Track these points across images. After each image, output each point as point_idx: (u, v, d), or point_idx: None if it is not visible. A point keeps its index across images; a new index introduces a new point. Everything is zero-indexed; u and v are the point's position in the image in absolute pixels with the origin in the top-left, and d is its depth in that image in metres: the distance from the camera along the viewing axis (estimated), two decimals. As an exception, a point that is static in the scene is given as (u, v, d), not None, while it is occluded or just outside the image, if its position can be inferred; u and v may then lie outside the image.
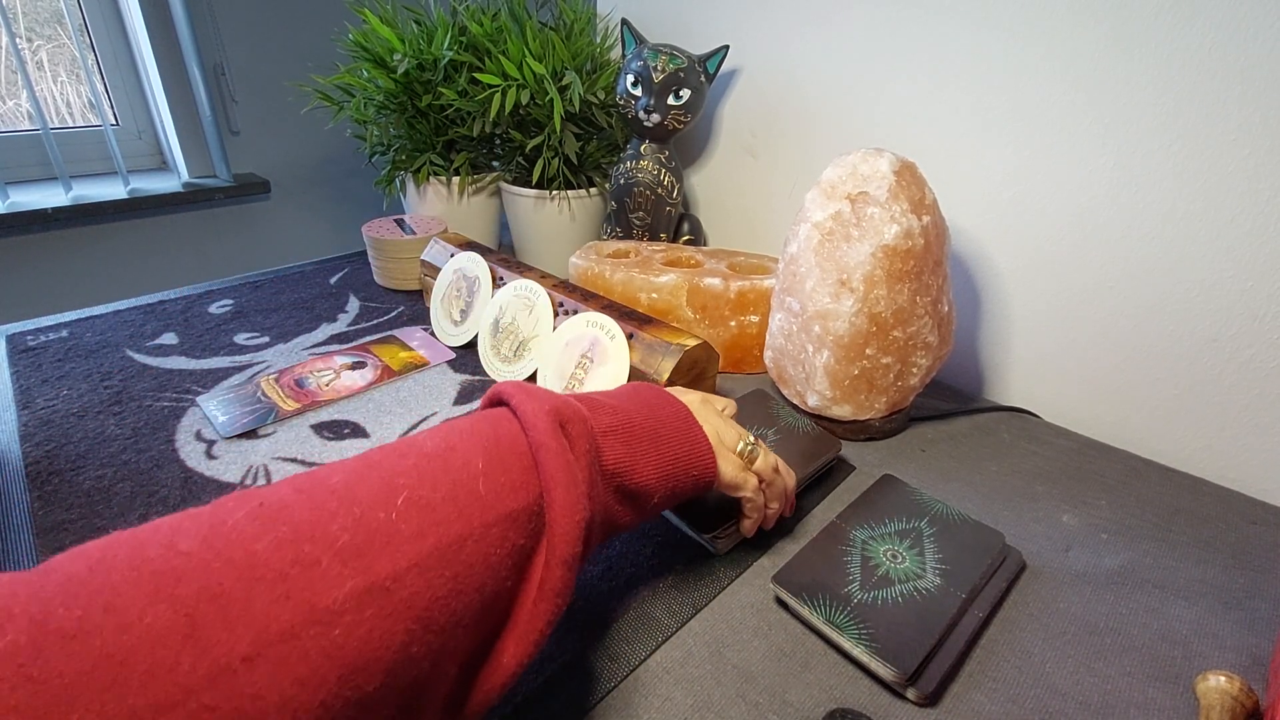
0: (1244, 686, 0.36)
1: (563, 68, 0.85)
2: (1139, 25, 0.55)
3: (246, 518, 0.25)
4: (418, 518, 0.28)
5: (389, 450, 0.31)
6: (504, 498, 0.30)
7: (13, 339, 0.73)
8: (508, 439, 0.33)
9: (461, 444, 0.32)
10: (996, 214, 0.68)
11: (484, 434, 0.33)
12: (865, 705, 0.38)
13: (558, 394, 0.36)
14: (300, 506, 0.27)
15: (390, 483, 0.29)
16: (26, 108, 1.26)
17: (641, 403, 0.41)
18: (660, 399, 0.42)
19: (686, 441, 0.40)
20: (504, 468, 0.31)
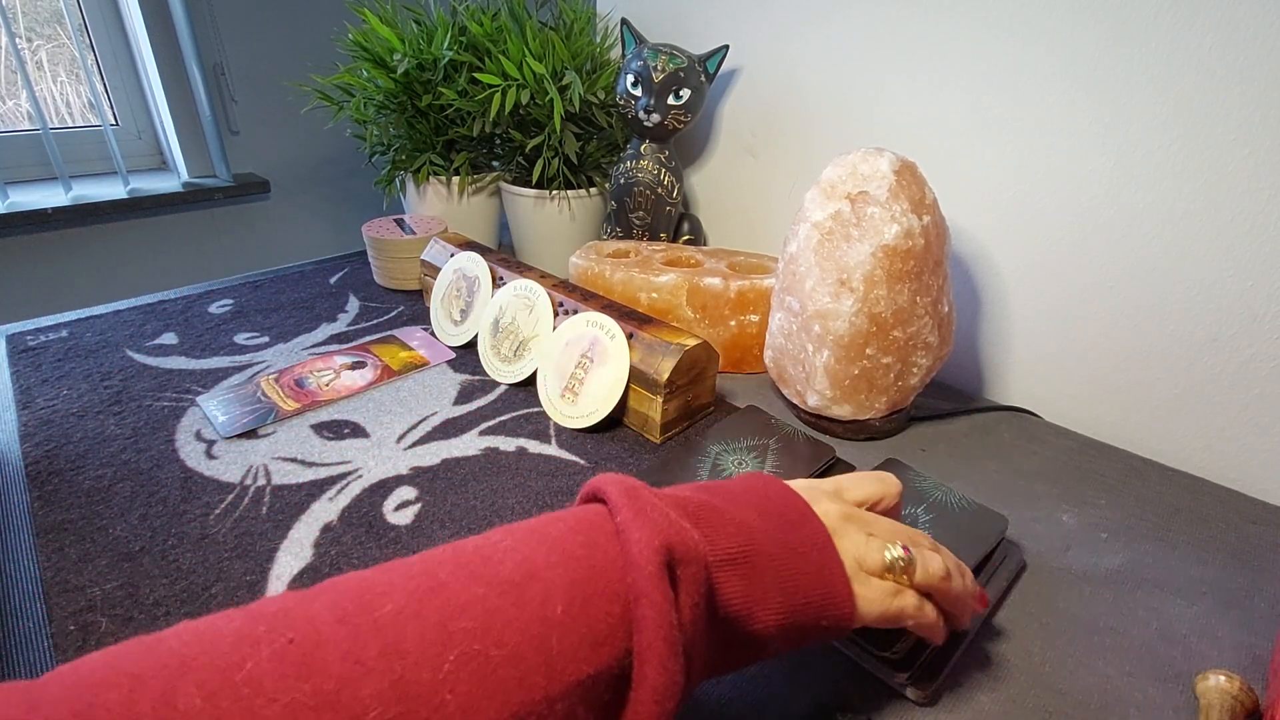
0: (1244, 686, 0.36)
1: (563, 67, 0.85)
2: (1139, 25, 0.55)
3: (270, 660, 0.21)
4: (469, 685, 0.23)
5: (463, 565, 0.26)
6: (581, 657, 0.24)
7: (13, 339, 0.73)
8: (602, 570, 0.26)
9: (546, 572, 0.26)
10: (996, 214, 0.68)
11: (576, 558, 0.26)
12: (865, 705, 0.38)
13: (671, 511, 0.28)
14: (335, 650, 0.22)
15: (446, 627, 0.23)
16: (26, 108, 1.26)
17: (772, 518, 0.32)
18: (795, 513, 0.33)
19: (821, 581, 0.31)
20: (589, 614, 0.25)
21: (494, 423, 0.62)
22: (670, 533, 0.27)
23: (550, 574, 0.26)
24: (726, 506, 0.31)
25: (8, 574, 0.45)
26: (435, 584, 0.25)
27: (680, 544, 0.27)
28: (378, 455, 0.57)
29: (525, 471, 0.56)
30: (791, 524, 0.32)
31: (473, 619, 0.24)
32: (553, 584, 0.25)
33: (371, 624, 0.23)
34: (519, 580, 0.25)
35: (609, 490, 0.29)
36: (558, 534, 0.27)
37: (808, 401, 0.62)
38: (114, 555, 0.45)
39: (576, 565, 0.26)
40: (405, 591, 0.24)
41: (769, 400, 0.69)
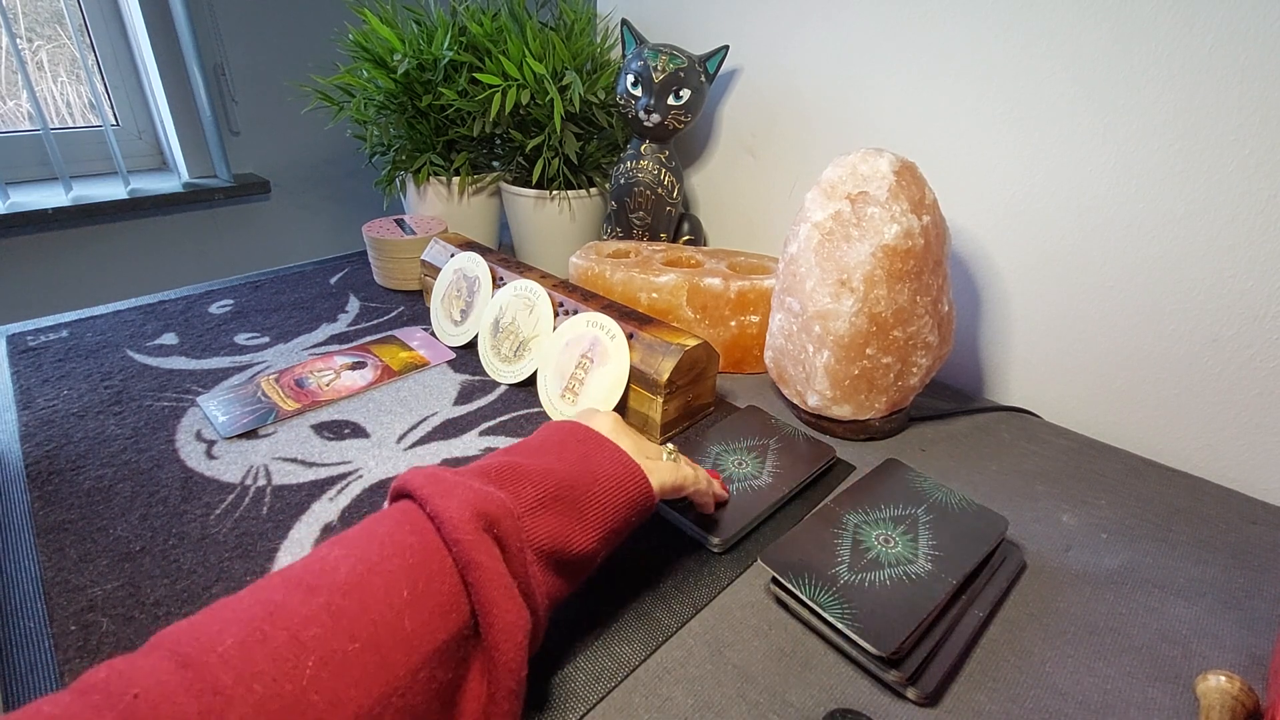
0: (1244, 686, 0.36)
1: (563, 68, 0.85)
2: (1139, 25, 0.55)
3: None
4: (333, 683, 0.23)
5: (295, 583, 0.26)
6: (433, 629, 0.27)
7: (13, 339, 0.73)
8: (433, 551, 0.29)
9: (384, 564, 0.28)
10: (996, 214, 0.68)
11: (407, 548, 0.29)
12: (865, 705, 0.38)
13: (474, 482, 0.33)
14: (186, 695, 0.21)
15: (298, 638, 0.24)
16: (27, 108, 1.26)
17: (567, 451, 0.38)
18: (584, 439, 0.40)
19: (616, 470, 0.38)
20: (432, 591, 0.27)
21: (494, 423, 0.62)
22: (477, 500, 0.31)
23: (388, 566, 0.28)
24: (525, 461, 0.36)
25: (8, 574, 0.45)
26: (273, 607, 0.25)
27: (490, 505, 0.31)
28: (378, 455, 0.57)
29: (525, 471, 0.55)
30: (582, 448, 0.39)
31: (321, 625, 0.25)
32: (393, 575, 0.27)
33: (218, 659, 0.23)
34: (358, 580, 0.27)
35: (413, 482, 0.32)
36: (384, 531, 0.30)
37: (808, 401, 0.62)
38: (115, 555, 0.46)
39: (409, 553, 0.28)
40: (243, 622, 0.24)
41: (769, 400, 0.69)
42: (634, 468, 0.39)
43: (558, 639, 0.41)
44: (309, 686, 0.23)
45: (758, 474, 0.54)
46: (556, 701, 0.37)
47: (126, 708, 0.21)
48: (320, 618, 0.25)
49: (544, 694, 0.38)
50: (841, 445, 0.61)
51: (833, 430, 0.62)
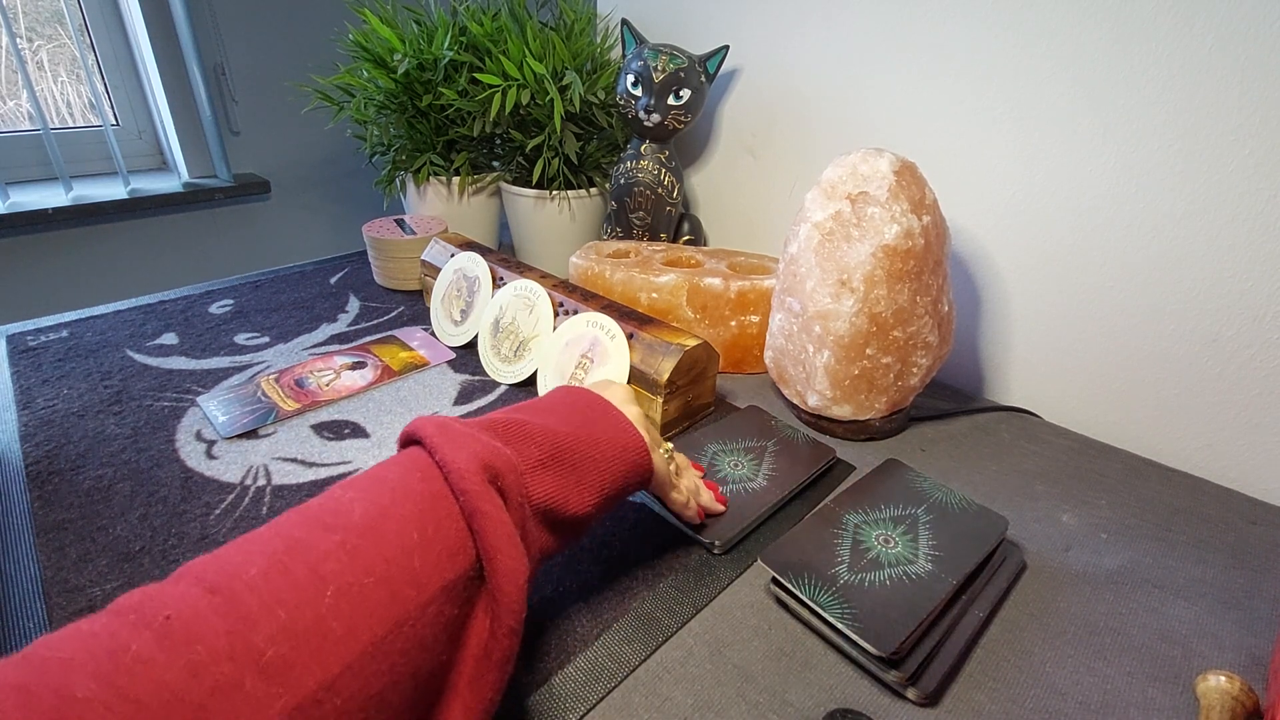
0: (1244, 686, 0.36)
1: (563, 68, 0.85)
2: (1139, 25, 0.55)
3: (154, 641, 0.22)
4: (350, 612, 0.25)
5: (313, 521, 0.28)
6: (441, 569, 0.29)
7: (13, 339, 0.73)
8: (442, 497, 0.31)
9: (395, 509, 0.29)
10: (997, 214, 0.68)
11: (417, 494, 0.30)
12: (865, 705, 0.38)
13: (481, 435, 0.34)
14: (215, 616, 0.23)
15: (317, 570, 0.26)
16: (27, 108, 1.26)
17: (576, 415, 0.40)
18: (596, 409, 0.41)
19: (618, 436, 0.40)
20: (440, 535, 0.29)
21: (494, 423, 0.62)
22: (484, 453, 0.32)
23: (399, 510, 0.29)
24: (533, 419, 0.38)
25: (8, 574, 0.45)
26: (293, 542, 0.27)
27: (496, 458, 0.33)
28: (378, 455, 0.57)
29: (525, 471, 0.55)
30: (589, 413, 0.41)
31: (338, 561, 0.26)
32: (404, 518, 0.29)
33: (245, 586, 0.24)
34: (373, 522, 0.28)
35: (424, 430, 0.33)
36: (395, 477, 0.31)
37: (808, 402, 0.62)
38: (114, 555, 0.46)
39: (419, 498, 0.30)
40: (266, 555, 0.26)
41: (769, 400, 0.69)
42: (636, 437, 0.41)
43: (558, 638, 0.41)
44: (328, 614, 0.25)
45: (756, 474, 0.54)
46: (556, 701, 0.37)
47: (161, 626, 0.22)
48: (338, 554, 0.27)
49: (544, 694, 0.38)
50: (841, 445, 0.61)
51: (833, 430, 0.62)
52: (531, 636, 0.41)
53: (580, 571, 0.46)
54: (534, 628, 0.41)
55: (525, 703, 0.37)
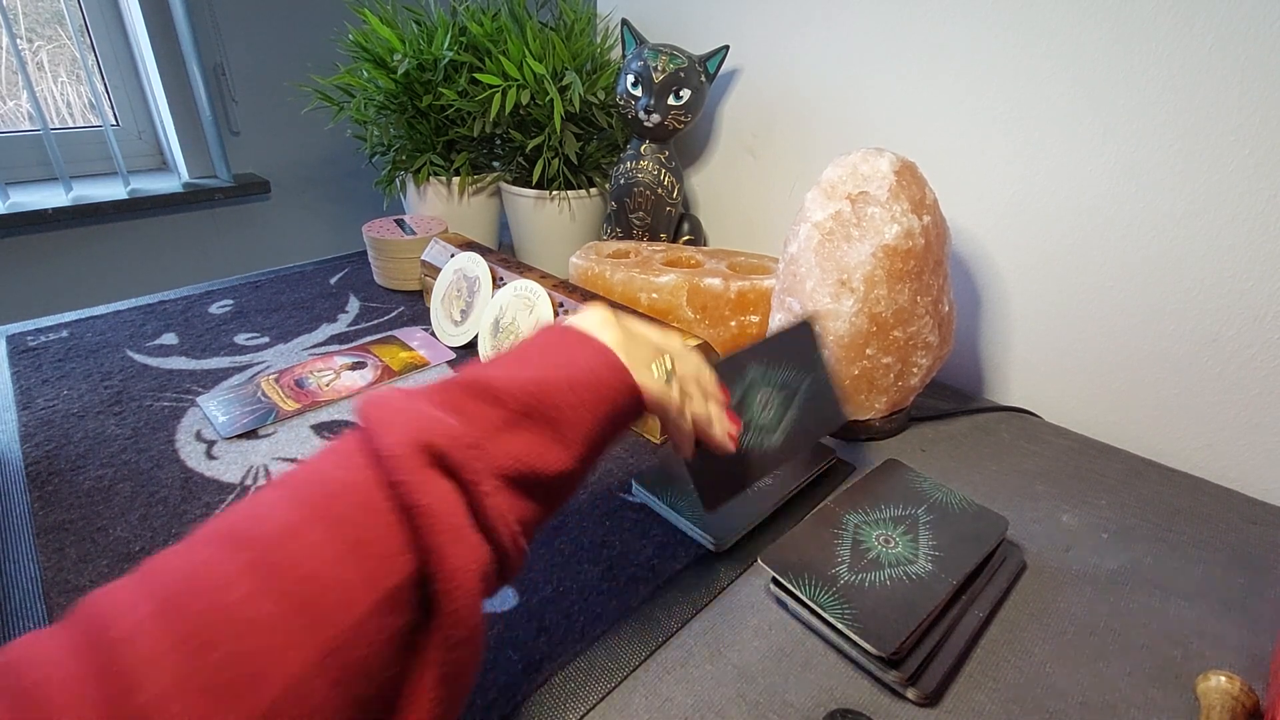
0: (1244, 686, 0.36)
1: (563, 68, 0.85)
2: (1139, 25, 0.55)
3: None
4: (260, 650, 0.21)
5: (226, 537, 0.24)
6: (378, 576, 0.24)
7: (13, 339, 0.73)
8: (375, 492, 0.26)
9: (320, 512, 0.25)
10: (997, 214, 0.68)
11: (347, 488, 0.26)
12: (865, 705, 0.38)
13: (424, 407, 0.29)
14: (87, 684, 0.20)
15: (218, 604, 0.22)
16: (27, 108, 1.26)
17: (541, 353, 0.35)
18: (555, 337, 0.36)
19: (596, 379, 0.34)
20: (374, 538, 0.25)
21: (494, 423, 0.62)
22: (424, 431, 0.27)
23: (324, 512, 0.25)
24: (496, 373, 0.32)
25: (8, 574, 0.45)
26: (192, 570, 0.23)
27: (436, 437, 0.28)
28: (378, 455, 0.57)
29: (525, 472, 0.55)
30: (561, 352, 0.35)
31: (246, 586, 0.23)
32: (330, 522, 0.25)
33: (125, 635, 0.21)
34: (291, 530, 0.25)
35: (363, 410, 0.29)
36: (327, 468, 0.27)
37: (808, 402, 0.61)
38: (114, 555, 0.45)
39: (350, 493, 0.26)
40: (160, 590, 0.23)
41: (769, 400, 0.69)
42: (615, 363, 0.35)
43: (558, 638, 0.41)
44: (230, 660, 0.21)
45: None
46: (556, 701, 0.37)
47: (15, 700, 0.19)
48: (245, 578, 0.23)
49: (544, 694, 0.38)
50: (842, 445, 0.61)
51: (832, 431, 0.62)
52: (531, 636, 0.41)
53: (580, 571, 0.46)
54: (534, 627, 0.42)
55: (525, 703, 0.37)
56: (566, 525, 0.50)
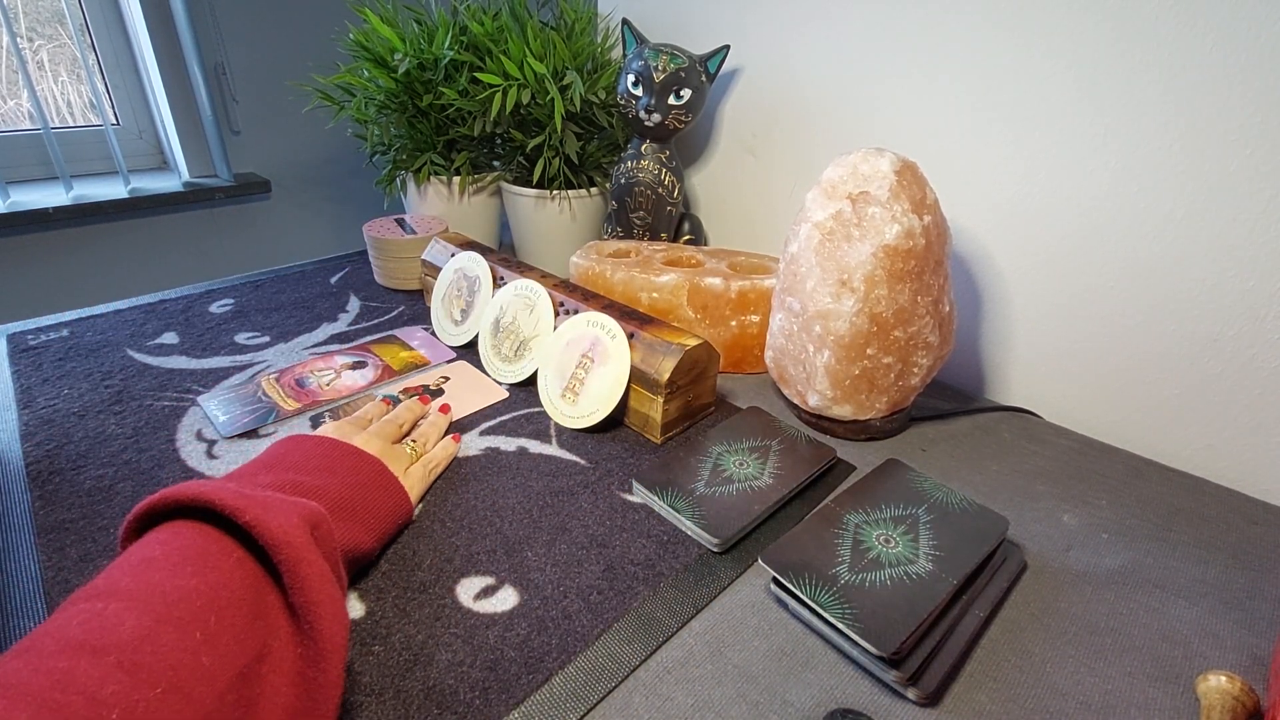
0: (1245, 686, 0.36)
1: (564, 67, 0.85)
2: (1141, 24, 0.55)
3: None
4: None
5: (77, 647, 0.25)
6: (231, 658, 0.28)
7: (13, 338, 0.73)
8: (224, 587, 0.30)
9: (171, 613, 0.27)
10: (998, 214, 0.68)
11: (193, 591, 0.29)
12: (865, 705, 0.38)
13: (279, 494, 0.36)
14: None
15: (95, 699, 0.23)
16: (27, 107, 1.26)
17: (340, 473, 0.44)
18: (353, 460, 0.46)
19: (389, 497, 0.46)
20: (224, 627, 0.28)
21: (494, 423, 0.62)
22: (300, 510, 0.34)
23: (176, 612, 0.28)
24: (306, 479, 0.41)
25: (8, 573, 0.45)
26: (59, 675, 0.24)
27: (309, 515, 0.34)
28: (378, 455, 0.57)
29: (526, 471, 0.56)
30: (355, 469, 0.45)
31: (118, 682, 0.24)
32: (182, 620, 0.28)
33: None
34: (146, 632, 0.26)
35: (220, 498, 0.32)
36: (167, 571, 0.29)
37: (808, 402, 0.62)
38: (114, 555, 0.45)
39: (196, 596, 0.29)
40: (31, 698, 0.23)
41: (769, 400, 0.69)
42: (400, 492, 0.47)
43: (558, 638, 0.41)
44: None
45: (759, 474, 0.54)
46: (556, 701, 0.37)
47: None
48: (115, 675, 0.25)
49: (544, 694, 0.38)
50: (842, 445, 0.61)
51: (833, 430, 0.62)
52: (531, 636, 0.41)
53: (580, 571, 0.46)
54: (534, 627, 0.42)
55: (525, 703, 0.37)
56: (567, 525, 0.50)
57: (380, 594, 0.43)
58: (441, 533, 0.49)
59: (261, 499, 0.33)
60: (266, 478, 0.40)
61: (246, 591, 0.30)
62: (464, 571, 0.45)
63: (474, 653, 0.40)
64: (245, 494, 0.33)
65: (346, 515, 0.42)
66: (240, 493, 0.33)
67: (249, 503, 0.32)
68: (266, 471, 0.41)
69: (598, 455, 0.58)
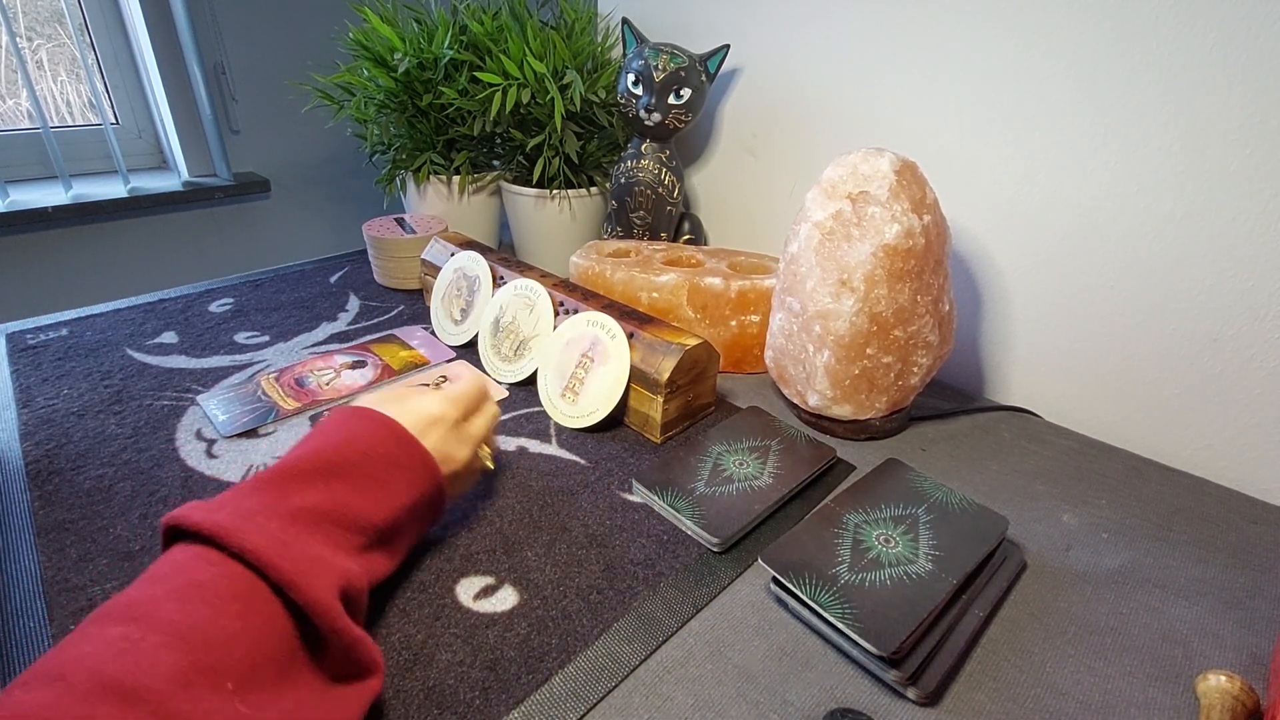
0: (1244, 686, 0.36)
1: (564, 67, 0.85)
2: (1140, 24, 0.55)
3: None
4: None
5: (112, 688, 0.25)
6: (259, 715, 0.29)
7: (13, 338, 0.73)
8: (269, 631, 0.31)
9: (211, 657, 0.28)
10: (997, 213, 0.68)
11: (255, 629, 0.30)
12: (865, 705, 0.38)
13: (323, 549, 0.35)
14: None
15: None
16: (26, 107, 1.26)
17: (387, 473, 0.41)
18: (413, 456, 0.42)
19: (433, 500, 0.43)
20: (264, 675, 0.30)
21: (494, 422, 0.62)
22: (340, 579, 0.34)
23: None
24: (358, 498, 0.39)
25: (8, 573, 0.45)
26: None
27: (347, 583, 0.34)
28: (378, 454, 0.57)
29: (525, 471, 0.55)
30: (414, 468, 0.42)
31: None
32: (222, 666, 0.28)
33: None
34: (175, 684, 0.26)
35: (269, 557, 0.32)
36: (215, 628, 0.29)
37: (808, 401, 0.61)
38: (114, 555, 0.45)
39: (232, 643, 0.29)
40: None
41: (769, 400, 0.69)
42: (439, 491, 0.44)
43: (558, 638, 0.41)
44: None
45: (759, 474, 0.54)
46: (556, 701, 0.37)
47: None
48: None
49: (544, 694, 0.38)
50: (842, 445, 0.61)
51: (833, 430, 0.62)
52: (531, 636, 0.41)
53: (580, 571, 0.46)
54: (534, 627, 0.42)
55: (525, 702, 0.37)
56: (567, 525, 0.50)
57: (380, 594, 0.43)
58: (441, 532, 0.49)
59: (311, 562, 0.33)
60: (319, 499, 0.37)
61: (283, 646, 0.31)
62: (464, 571, 0.45)
63: (474, 652, 0.40)
64: (293, 552, 0.32)
65: (383, 545, 0.40)
66: (288, 549, 0.32)
67: (296, 569, 0.32)
68: (325, 489, 0.38)
69: (597, 455, 0.58)
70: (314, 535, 0.35)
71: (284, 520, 0.35)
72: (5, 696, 0.25)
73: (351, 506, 0.38)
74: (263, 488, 0.37)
